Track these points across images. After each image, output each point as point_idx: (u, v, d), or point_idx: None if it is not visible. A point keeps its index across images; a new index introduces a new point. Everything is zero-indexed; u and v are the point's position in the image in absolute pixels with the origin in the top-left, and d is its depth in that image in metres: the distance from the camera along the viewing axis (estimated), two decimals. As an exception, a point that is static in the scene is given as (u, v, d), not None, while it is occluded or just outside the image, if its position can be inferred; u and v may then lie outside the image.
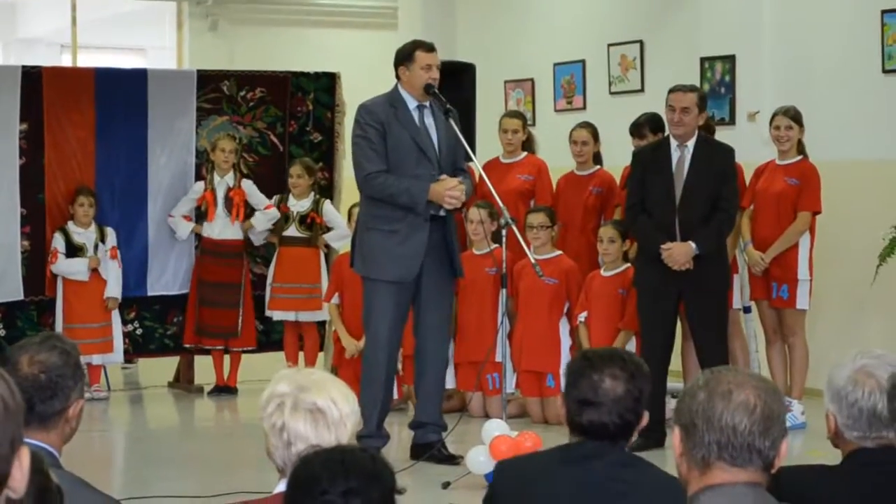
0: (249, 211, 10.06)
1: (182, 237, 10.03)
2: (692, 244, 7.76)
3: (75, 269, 9.66)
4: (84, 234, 9.68)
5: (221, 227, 9.99)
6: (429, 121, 7.56)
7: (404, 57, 7.55)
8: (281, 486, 3.04)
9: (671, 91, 7.98)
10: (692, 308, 7.93)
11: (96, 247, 9.72)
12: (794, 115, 8.60)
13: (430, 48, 7.57)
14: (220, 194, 9.97)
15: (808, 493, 3.41)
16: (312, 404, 3.04)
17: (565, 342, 8.87)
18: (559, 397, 3.50)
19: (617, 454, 3.38)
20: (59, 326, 9.57)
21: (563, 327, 8.89)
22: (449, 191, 7.33)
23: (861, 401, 3.41)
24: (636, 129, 9.11)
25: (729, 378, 2.77)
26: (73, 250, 9.66)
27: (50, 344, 3.38)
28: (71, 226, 9.69)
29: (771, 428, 2.71)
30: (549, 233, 8.87)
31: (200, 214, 10.05)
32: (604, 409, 3.34)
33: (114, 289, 9.78)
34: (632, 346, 8.57)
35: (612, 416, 3.34)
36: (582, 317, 8.84)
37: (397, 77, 7.58)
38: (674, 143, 7.95)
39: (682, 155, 7.92)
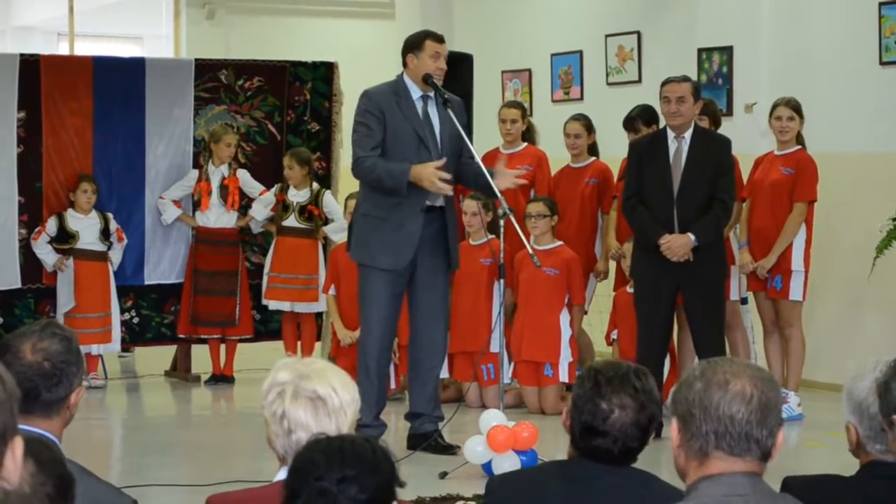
0: (245, 200, 10.07)
1: (167, 221, 10.03)
2: (691, 236, 7.77)
3: (46, 256, 9.66)
4: (82, 221, 9.68)
5: (217, 216, 10.00)
6: (432, 111, 7.56)
7: (414, 45, 7.55)
8: (281, 474, 3.05)
9: (664, 83, 7.98)
10: (690, 298, 7.94)
11: (105, 232, 9.72)
12: (796, 106, 8.61)
13: (440, 39, 7.58)
14: (216, 183, 9.98)
15: None
16: (313, 392, 3.05)
17: (565, 333, 8.89)
18: (565, 410, 3.38)
19: (619, 475, 3.31)
20: (59, 317, 9.55)
21: (564, 318, 8.90)
22: (432, 175, 7.22)
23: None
24: (629, 123, 9.12)
25: (725, 368, 2.77)
26: (66, 237, 9.67)
27: (50, 331, 3.39)
28: (70, 212, 9.70)
29: (768, 417, 2.72)
30: (548, 222, 8.89)
31: (195, 204, 10.05)
32: (609, 439, 3.26)
33: (115, 259, 9.85)
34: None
35: (616, 444, 3.26)
36: (614, 334, 8.94)
37: (404, 65, 7.58)
38: (671, 134, 7.95)
39: (679, 146, 7.92)
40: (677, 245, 7.78)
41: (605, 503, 3.28)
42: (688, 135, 7.93)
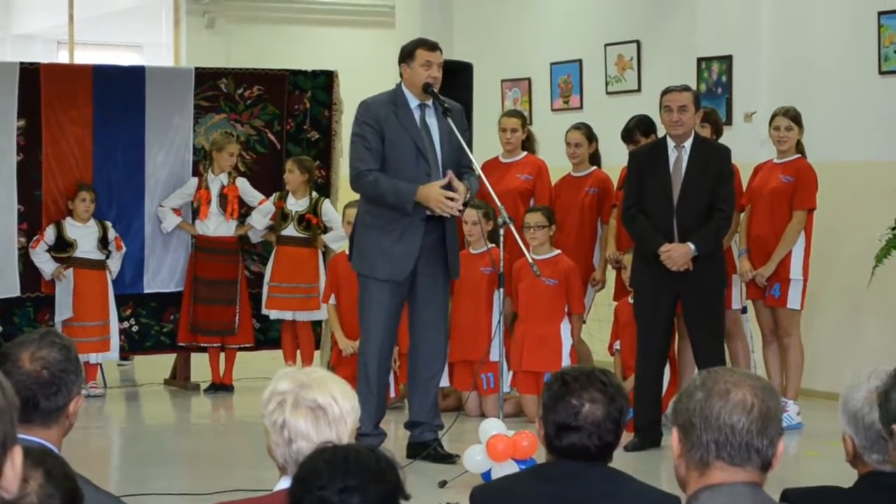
0: (245, 209, 10.07)
1: (167, 229, 10.04)
2: (690, 245, 7.77)
3: (44, 265, 9.65)
4: (80, 229, 9.68)
5: (216, 225, 10.01)
6: (431, 120, 7.56)
7: (406, 55, 7.57)
8: (282, 484, 3.05)
9: (665, 93, 7.99)
10: (689, 307, 7.94)
11: (103, 241, 9.73)
12: (794, 116, 8.61)
13: (432, 46, 7.58)
14: (215, 192, 9.98)
15: None
16: (313, 402, 3.05)
17: (566, 342, 8.86)
18: (538, 420, 3.42)
19: (597, 470, 3.33)
20: (58, 325, 9.55)
21: (565, 327, 8.89)
22: (440, 196, 7.27)
23: (878, 423, 3.24)
24: (627, 134, 9.12)
25: (726, 377, 2.77)
26: (64, 245, 9.66)
27: (49, 340, 3.39)
28: (68, 220, 9.70)
29: (768, 427, 2.72)
30: (546, 232, 8.88)
31: (194, 212, 10.06)
32: (584, 433, 3.29)
33: (113, 268, 9.85)
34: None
35: (592, 439, 3.29)
36: (616, 345, 8.93)
37: (400, 75, 7.60)
38: (671, 143, 7.95)
39: (679, 156, 7.92)
40: (677, 255, 7.78)
41: (586, 498, 3.29)
42: (688, 144, 7.93)
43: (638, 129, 9.06)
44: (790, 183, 8.54)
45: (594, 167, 9.47)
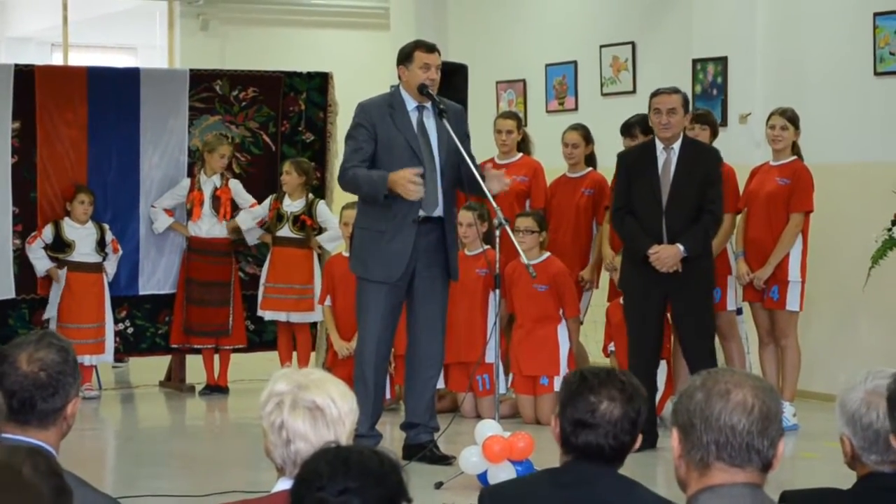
0: (236, 210, 10.06)
1: (158, 229, 10.03)
2: (679, 246, 7.76)
3: (38, 261, 9.63)
4: (79, 231, 9.66)
5: (209, 226, 10.00)
6: (429, 122, 7.56)
7: (404, 57, 7.59)
8: (280, 485, 3.04)
9: (654, 95, 7.97)
10: (678, 308, 7.94)
11: (100, 243, 9.72)
12: (791, 117, 8.60)
13: (430, 48, 7.59)
14: (208, 193, 9.97)
15: None
16: (311, 402, 3.04)
17: (564, 346, 8.84)
18: (553, 418, 3.39)
19: (610, 478, 3.29)
20: (52, 326, 9.54)
21: (562, 331, 8.87)
22: (404, 181, 7.23)
23: (876, 423, 3.27)
24: (627, 129, 9.11)
25: (726, 378, 2.77)
26: (62, 245, 9.65)
27: (47, 341, 3.39)
28: (67, 221, 9.68)
29: (769, 427, 2.72)
30: (535, 238, 8.83)
31: (187, 213, 10.05)
32: (600, 432, 3.25)
33: (110, 270, 9.84)
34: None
35: (608, 438, 3.25)
36: (611, 347, 8.92)
37: (399, 77, 7.60)
38: (659, 145, 7.94)
39: (668, 157, 7.91)
40: (666, 256, 7.77)
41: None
42: (676, 146, 7.92)
43: (639, 125, 9.02)
44: (786, 185, 8.54)
45: (590, 168, 9.47)
